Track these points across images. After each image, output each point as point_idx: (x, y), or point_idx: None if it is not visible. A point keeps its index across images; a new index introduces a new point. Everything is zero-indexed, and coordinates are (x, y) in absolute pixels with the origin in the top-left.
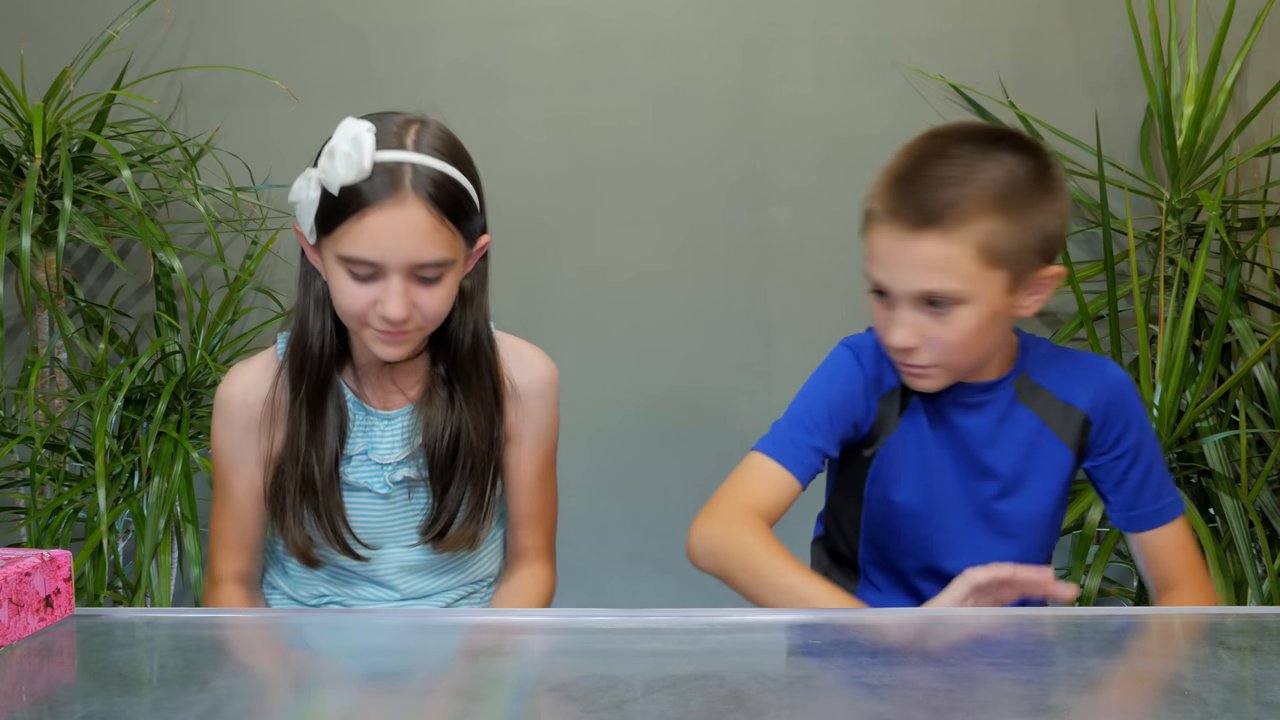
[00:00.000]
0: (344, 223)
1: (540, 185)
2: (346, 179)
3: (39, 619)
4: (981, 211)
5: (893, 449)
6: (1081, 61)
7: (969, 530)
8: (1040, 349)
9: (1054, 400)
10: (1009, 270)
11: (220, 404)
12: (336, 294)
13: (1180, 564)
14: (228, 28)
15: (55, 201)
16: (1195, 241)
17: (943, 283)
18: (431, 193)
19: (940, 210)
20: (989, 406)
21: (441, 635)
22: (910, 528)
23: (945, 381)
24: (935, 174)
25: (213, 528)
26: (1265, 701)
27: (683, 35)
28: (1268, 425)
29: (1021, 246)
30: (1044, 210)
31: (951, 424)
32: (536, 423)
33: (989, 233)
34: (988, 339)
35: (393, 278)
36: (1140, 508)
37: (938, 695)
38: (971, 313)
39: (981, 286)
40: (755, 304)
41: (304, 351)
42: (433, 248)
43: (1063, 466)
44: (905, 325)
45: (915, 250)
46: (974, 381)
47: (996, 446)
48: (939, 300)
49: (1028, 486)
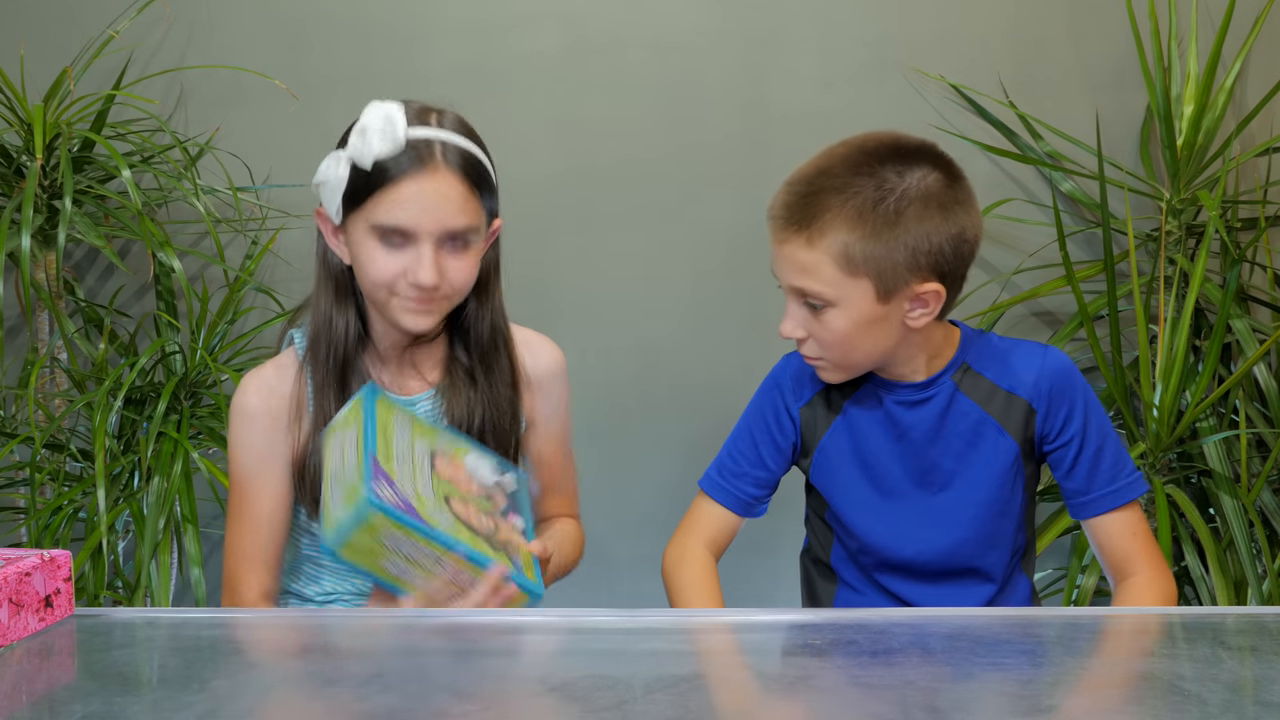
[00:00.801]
0: (377, 193)
1: (540, 185)
2: (381, 153)
3: (39, 619)
4: (838, 224)
5: (826, 453)
6: (1081, 61)
7: (914, 524)
8: (983, 341)
9: (995, 389)
10: (873, 281)
11: (240, 413)
12: (366, 265)
13: (1133, 550)
14: (228, 28)
15: (55, 201)
16: (1195, 241)
17: (808, 283)
18: (460, 164)
19: (805, 218)
20: (930, 402)
21: (442, 635)
22: (859, 525)
23: (842, 375)
24: (814, 183)
25: (233, 548)
26: (1265, 701)
27: (683, 35)
28: (1268, 425)
29: (884, 260)
30: (913, 229)
31: (896, 421)
32: (553, 405)
33: (846, 243)
34: (871, 342)
35: (424, 244)
36: (1094, 491)
37: (938, 695)
38: (841, 316)
39: (845, 292)
40: (755, 304)
41: (329, 337)
42: (462, 215)
43: (1004, 454)
44: (791, 318)
45: (786, 251)
46: (908, 381)
47: (940, 439)
48: (811, 300)
49: (968, 476)
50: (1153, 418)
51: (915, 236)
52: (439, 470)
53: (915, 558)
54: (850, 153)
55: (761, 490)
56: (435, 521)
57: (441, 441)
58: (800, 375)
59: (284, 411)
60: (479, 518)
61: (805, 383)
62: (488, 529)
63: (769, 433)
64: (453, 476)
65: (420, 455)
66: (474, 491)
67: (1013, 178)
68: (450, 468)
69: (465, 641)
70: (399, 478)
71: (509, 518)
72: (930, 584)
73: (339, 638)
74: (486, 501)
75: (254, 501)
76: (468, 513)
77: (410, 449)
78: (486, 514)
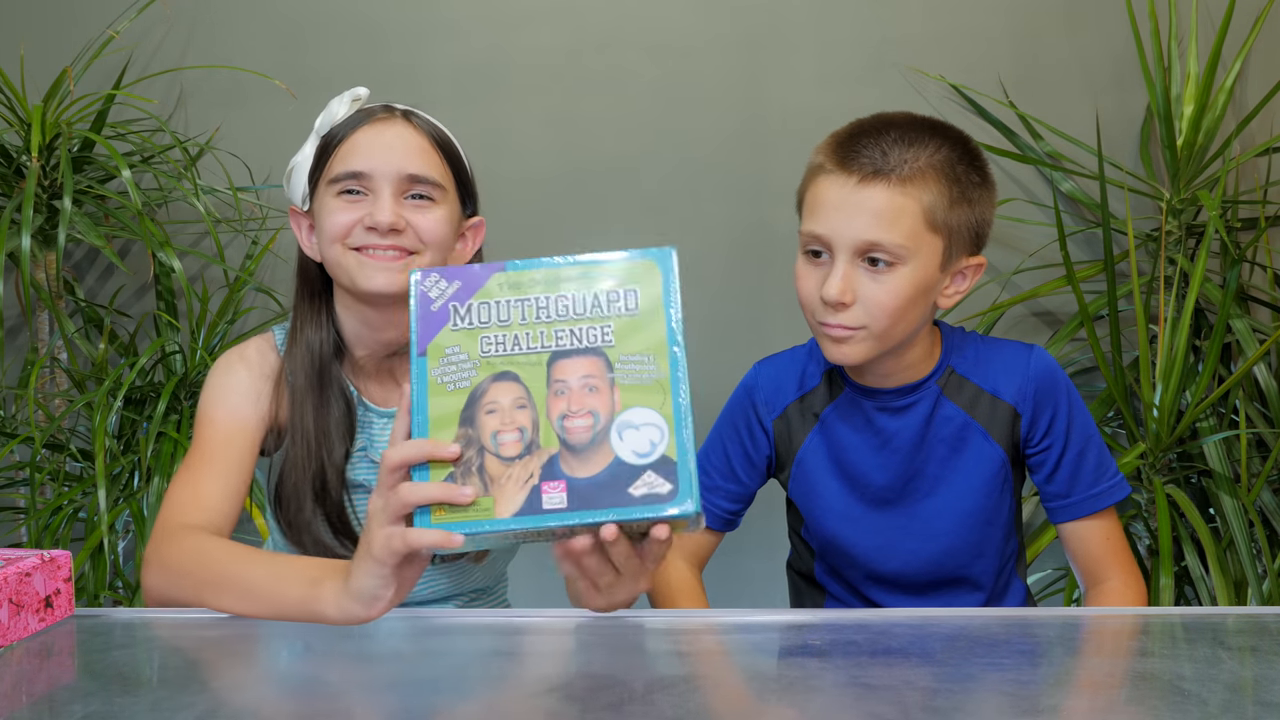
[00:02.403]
0: (335, 151)
1: (540, 185)
2: (341, 115)
3: (39, 619)
4: (929, 175)
5: (805, 465)
6: (1081, 61)
7: (899, 534)
8: (966, 341)
9: (980, 393)
10: (945, 241)
11: (232, 359)
12: (325, 223)
13: (1107, 555)
14: (228, 28)
15: (55, 201)
16: (1195, 241)
17: (886, 234)
18: (423, 124)
19: (894, 164)
20: (914, 408)
21: (441, 636)
22: (842, 537)
23: (869, 351)
24: (890, 135)
25: (177, 495)
26: (1265, 701)
27: (683, 35)
28: (1268, 425)
29: (959, 223)
30: (978, 199)
31: (878, 429)
32: None
33: (935, 196)
34: (913, 314)
35: (382, 189)
36: (1074, 495)
37: (938, 695)
38: (907, 276)
39: (921, 247)
40: (755, 304)
41: (305, 341)
42: (421, 162)
43: (989, 461)
44: (844, 279)
45: (866, 199)
46: (890, 387)
47: (925, 446)
48: (878, 257)
49: (951, 483)
50: (1153, 418)
51: (981, 209)
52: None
53: (902, 569)
54: (913, 118)
55: (735, 504)
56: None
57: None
58: (772, 386)
59: (266, 377)
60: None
61: (777, 393)
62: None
63: (741, 445)
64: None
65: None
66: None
67: (1013, 178)
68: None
69: (465, 642)
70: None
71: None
72: (918, 595)
73: (338, 638)
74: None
75: (225, 448)
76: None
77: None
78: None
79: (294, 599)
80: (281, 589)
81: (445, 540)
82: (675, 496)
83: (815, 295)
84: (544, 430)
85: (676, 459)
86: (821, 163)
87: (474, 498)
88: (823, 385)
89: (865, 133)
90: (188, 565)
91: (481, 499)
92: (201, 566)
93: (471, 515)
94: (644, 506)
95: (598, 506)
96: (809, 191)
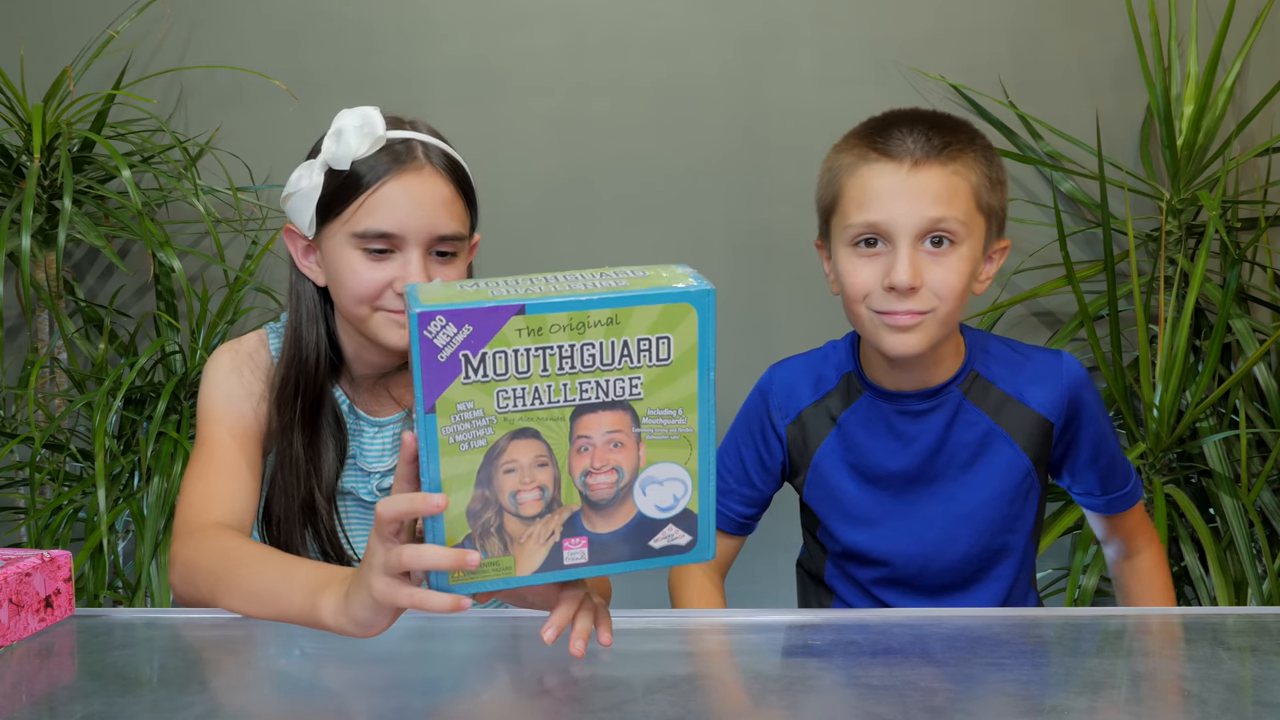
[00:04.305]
0: (357, 198)
1: (540, 185)
2: (360, 152)
3: (39, 619)
4: (970, 157)
5: (821, 469)
6: (1081, 61)
7: (917, 539)
8: (989, 345)
9: (1007, 400)
10: (987, 222)
11: (229, 353)
12: (347, 279)
13: (1133, 531)
14: (228, 28)
15: (55, 201)
16: (1195, 241)
17: (948, 210)
18: (445, 166)
19: (943, 147)
20: (936, 412)
21: (441, 637)
22: (859, 541)
23: (930, 339)
24: (924, 123)
25: (190, 494)
26: (1265, 701)
27: (683, 35)
28: (1268, 425)
29: (997, 204)
30: (1002, 184)
31: (899, 433)
32: None
33: (979, 177)
34: (965, 300)
35: (412, 251)
36: (1106, 496)
37: (938, 695)
38: (965, 255)
39: (973, 227)
40: (755, 304)
41: (299, 366)
42: (451, 219)
43: (1014, 469)
44: (911, 264)
45: (923, 180)
46: (917, 389)
47: (945, 451)
48: (942, 236)
49: (974, 489)
50: (1153, 418)
51: (1004, 193)
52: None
53: (918, 574)
54: (933, 110)
55: (752, 509)
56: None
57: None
58: (786, 390)
59: (261, 377)
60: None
61: (791, 398)
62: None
63: (755, 450)
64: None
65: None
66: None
67: (1013, 178)
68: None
69: (465, 642)
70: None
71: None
72: (931, 598)
73: (338, 638)
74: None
75: (231, 445)
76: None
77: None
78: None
79: (296, 607)
80: (285, 596)
81: (455, 607)
82: (694, 549)
83: (874, 285)
84: (565, 487)
85: (699, 512)
86: (859, 156)
87: (479, 564)
88: (840, 389)
89: (897, 123)
90: (205, 565)
91: (501, 558)
92: (215, 567)
93: (490, 575)
94: (663, 558)
95: (618, 559)
96: (850, 185)
